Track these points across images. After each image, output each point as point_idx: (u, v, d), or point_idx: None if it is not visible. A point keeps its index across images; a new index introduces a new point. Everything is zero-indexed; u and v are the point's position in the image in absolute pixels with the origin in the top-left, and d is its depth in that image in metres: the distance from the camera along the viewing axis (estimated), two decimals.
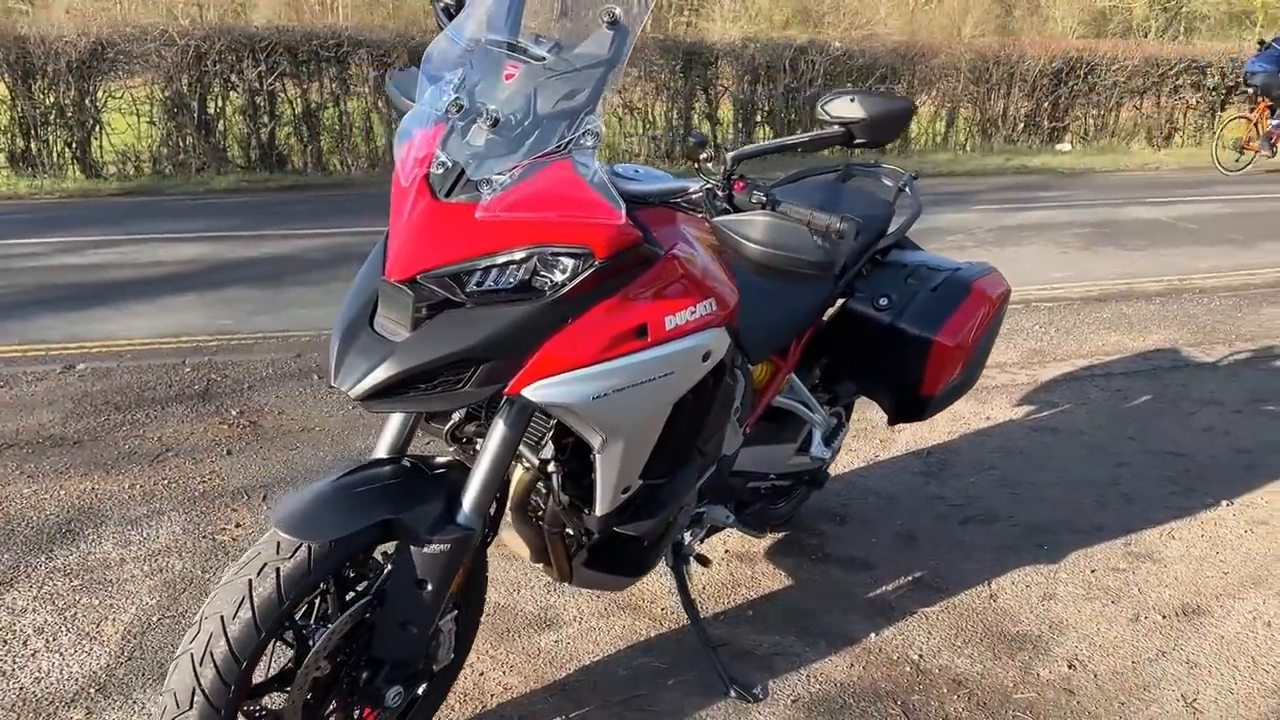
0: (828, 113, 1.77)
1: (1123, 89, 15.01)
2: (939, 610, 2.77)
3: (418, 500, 1.82)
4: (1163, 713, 2.36)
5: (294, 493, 1.82)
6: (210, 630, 1.67)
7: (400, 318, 1.70)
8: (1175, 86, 15.26)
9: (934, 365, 2.59)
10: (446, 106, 1.73)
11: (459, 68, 1.82)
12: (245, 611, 1.66)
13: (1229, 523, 3.31)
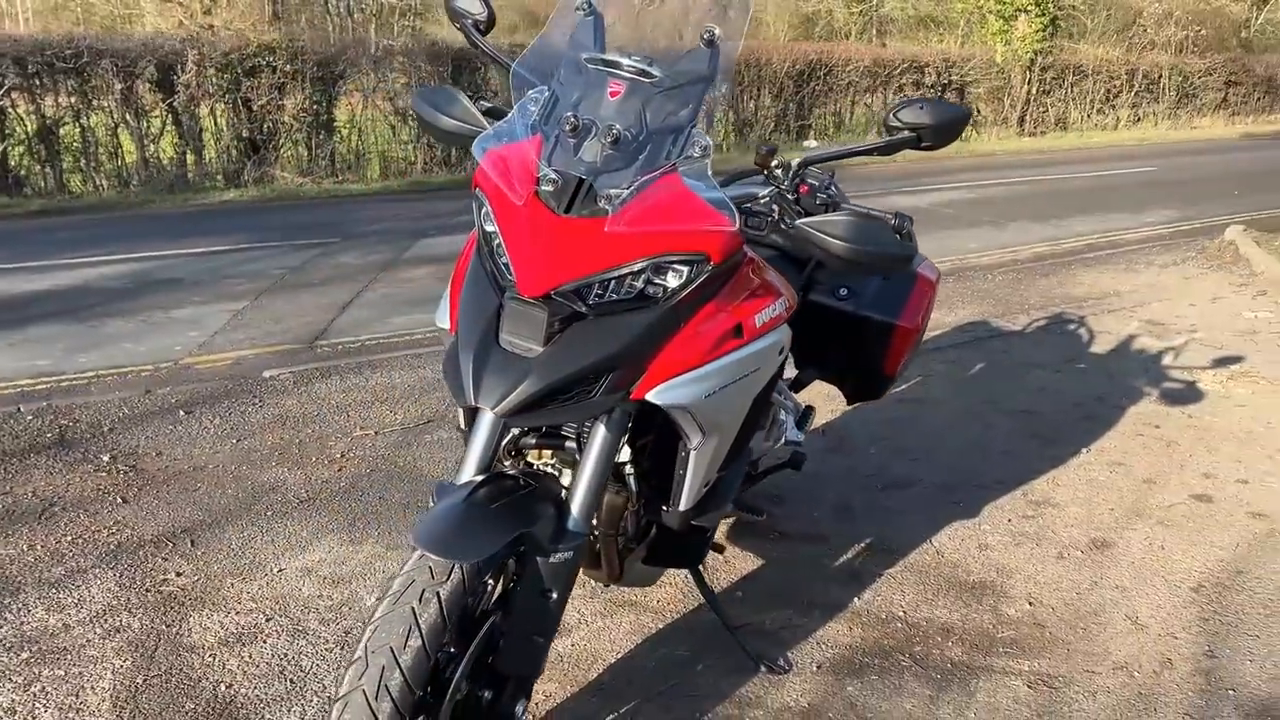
0: (900, 119, 1.94)
1: (856, 88, 16.30)
2: (900, 570, 3.03)
3: (539, 512, 1.83)
4: (1117, 632, 2.71)
5: (428, 515, 1.79)
6: (381, 664, 1.62)
7: (533, 334, 1.72)
8: (900, 85, 16.74)
9: (895, 347, 2.83)
10: (560, 123, 1.76)
11: (551, 85, 1.85)
12: (415, 640, 1.63)
13: (1094, 467, 3.79)
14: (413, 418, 4.24)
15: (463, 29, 2.22)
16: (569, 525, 1.87)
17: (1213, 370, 4.89)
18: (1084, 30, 23.45)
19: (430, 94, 2.15)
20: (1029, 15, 18.44)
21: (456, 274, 2.01)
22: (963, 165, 13.54)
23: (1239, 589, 2.92)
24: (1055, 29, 19.06)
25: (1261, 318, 5.88)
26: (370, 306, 6.09)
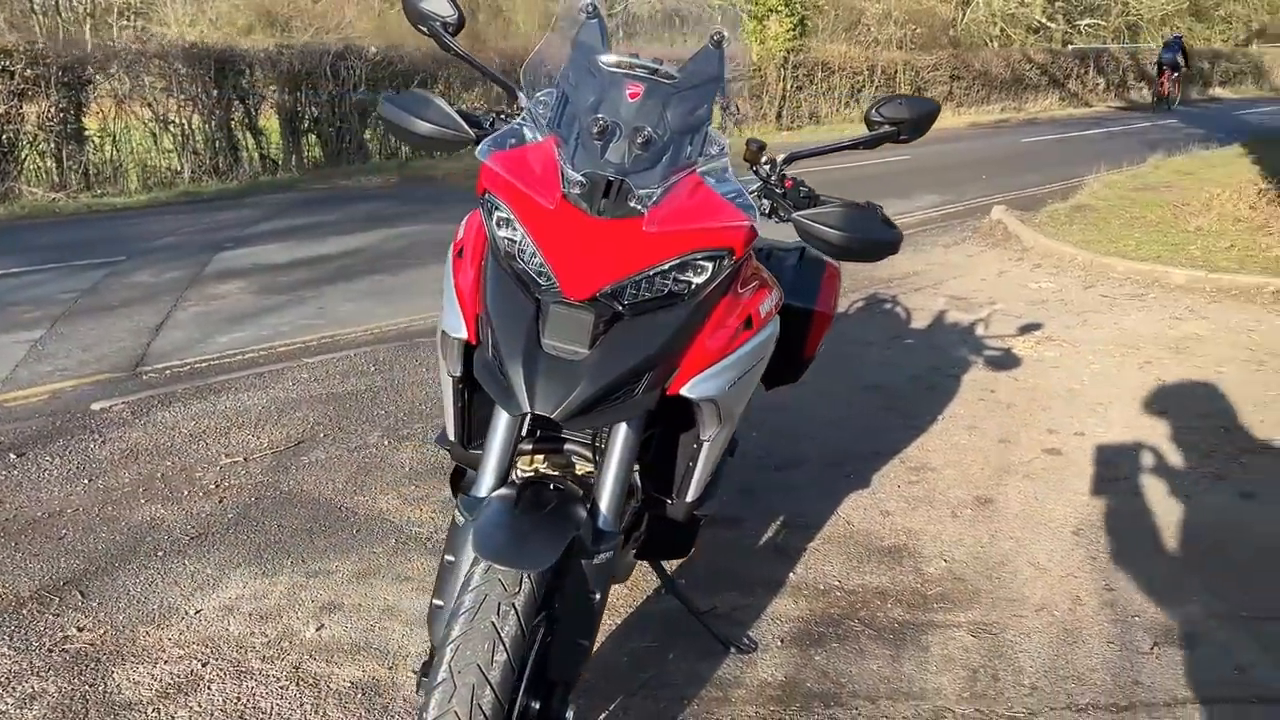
0: (881, 115, 2.06)
1: None
2: (820, 543, 3.19)
3: (578, 516, 1.83)
4: (1027, 578, 2.98)
5: (486, 529, 1.73)
6: (470, 682, 1.57)
7: (578, 337, 1.71)
8: None
9: (815, 332, 2.97)
10: (585, 125, 1.76)
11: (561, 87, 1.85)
12: (500, 654, 1.59)
13: (953, 432, 4.12)
14: (281, 440, 4.02)
15: (431, 32, 2.15)
16: (603, 526, 1.87)
17: (1021, 337, 5.40)
18: (815, 29, 25.00)
19: (401, 99, 2.07)
20: (779, 15, 19.44)
21: (460, 283, 1.96)
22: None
23: (1109, 528, 3.28)
24: (804, 28, 20.20)
25: (1044, 287, 6.54)
26: (186, 327, 5.69)
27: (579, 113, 1.81)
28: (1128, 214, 8.66)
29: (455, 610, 1.66)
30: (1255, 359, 5.01)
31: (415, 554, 3.13)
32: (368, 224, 8.96)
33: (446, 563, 1.85)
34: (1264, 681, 2.46)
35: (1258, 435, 4.01)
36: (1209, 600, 2.83)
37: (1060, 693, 2.44)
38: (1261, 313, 5.87)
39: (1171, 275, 6.55)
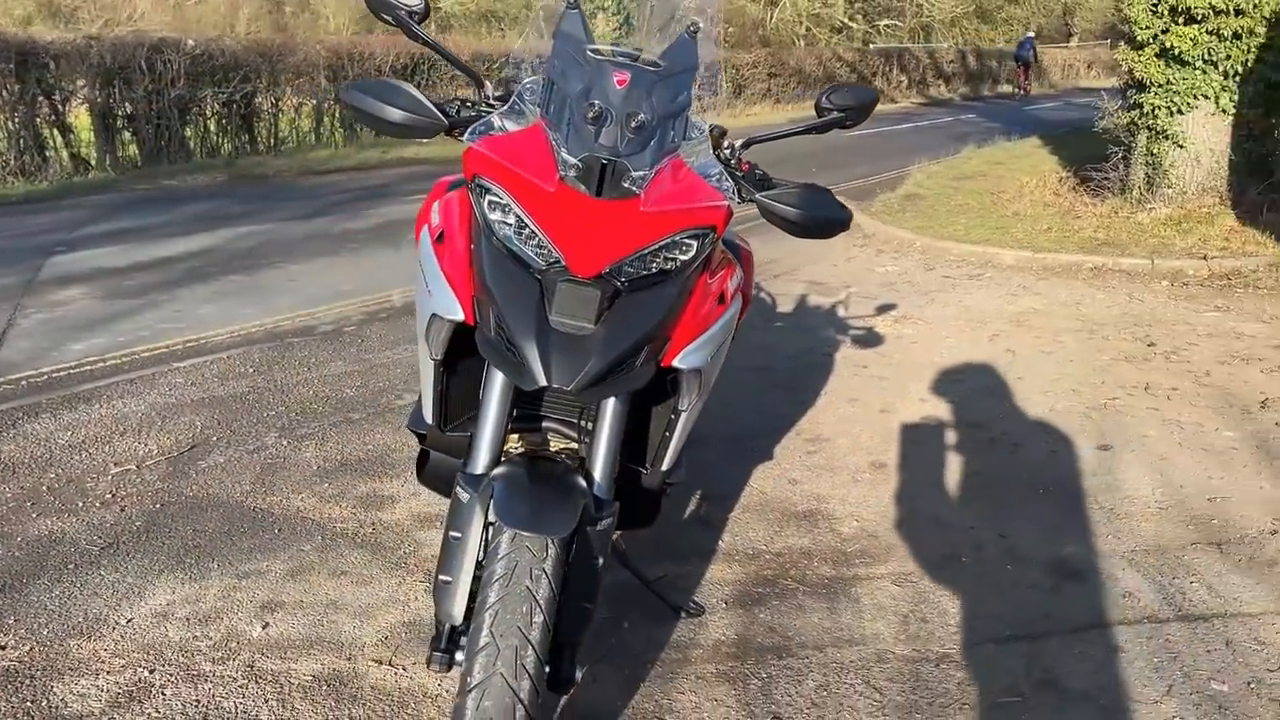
0: (831, 102, 2.22)
1: (461, 80, 16.48)
2: (740, 513, 3.36)
3: (582, 485, 1.91)
4: (931, 531, 3.24)
5: (506, 500, 1.77)
6: (514, 644, 1.63)
7: (585, 312, 1.79)
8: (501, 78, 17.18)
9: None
10: (579, 110, 1.83)
11: (550, 75, 1.91)
12: (538, 615, 1.66)
13: (837, 405, 4.38)
14: (171, 446, 3.88)
15: (397, 21, 2.17)
16: (600, 494, 1.96)
17: (880, 316, 5.76)
18: (639, 27, 25.49)
19: (368, 86, 2.09)
20: (606, 14, 19.67)
21: (446, 267, 2.00)
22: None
23: (993, 483, 3.59)
24: (630, 26, 20.50)
25: (891, 270, 6.98)
26: (34, 336, 5.35)
27: (569, 99, 1.88)
28: (952, 201, 9.29)
29: (487, 579, 1.71)
30: (1086, 329, 5.52)
31: (346, 549, 3.11)
32: (207, 224, 8.60)
33: (452, 539, 1.89)
34: (1149, 605, 2.78)
35: (1101, 395, 4.45)
36: (1090, 540, 3.16)
37: (983, 630, 2.68)
38: (1084, 288, 6.46)
39: (1002, 256, 7.11)
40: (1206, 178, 8.13)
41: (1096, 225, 7.99)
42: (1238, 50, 7.80)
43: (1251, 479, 3.57)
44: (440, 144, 14.83)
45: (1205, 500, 3.42)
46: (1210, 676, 2.45)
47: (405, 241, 8.15)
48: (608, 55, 1.93)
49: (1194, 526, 3.23)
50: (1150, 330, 5.46)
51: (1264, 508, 3.35)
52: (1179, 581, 2.90)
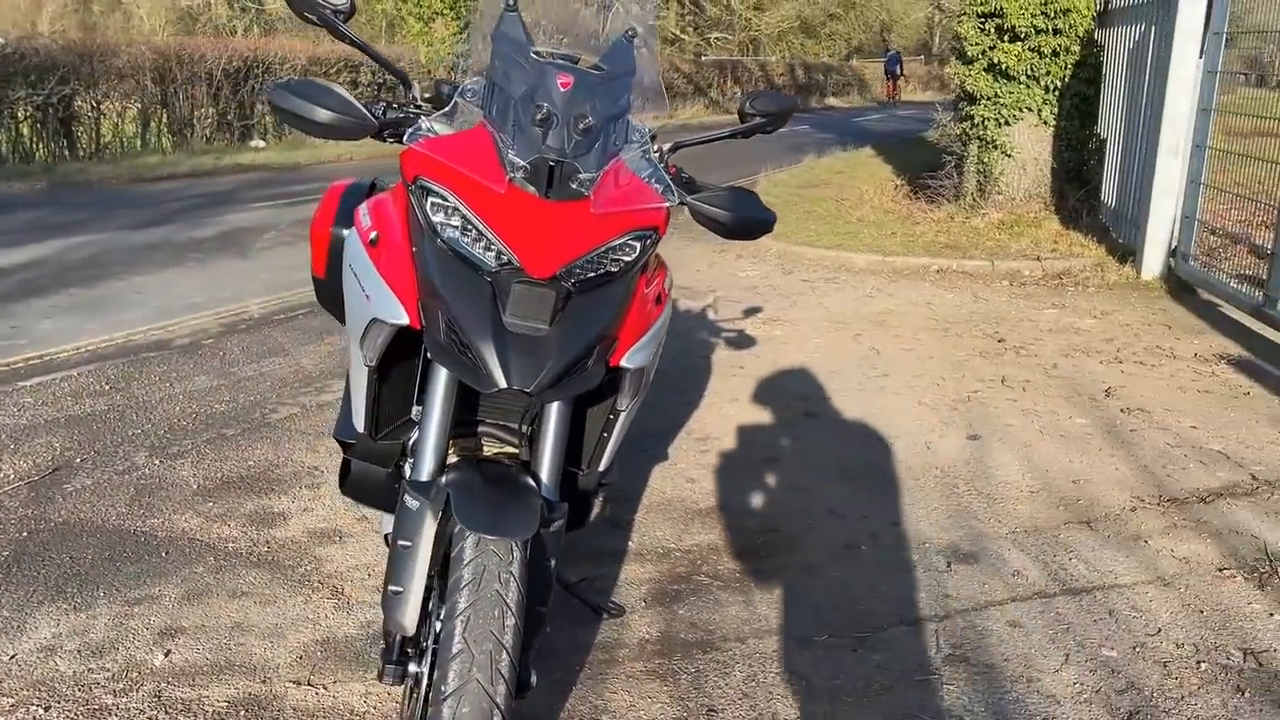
0: (754, 108, 2.27)
1: None
2: (645, 512, 3.40)
3: (534, 487, 1.90)
4: (830, 523, 3.36)
5: (465, 505, 1.73)
6: (488, 649, 1.61)
7: (540, 313, 1.78)
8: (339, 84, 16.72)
9: None
10: (526, 112, 1.82)
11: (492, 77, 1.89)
12: (510, 619, 1.64)
13: (721, 405, 4.48)
14: (30, 470, 3.62)
15: (322, 20, 2.09)
16: (548, 496, 1.95)
17: (748, 319, 5.92)
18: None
19: (297, 86, 2.01)
20: (445, 19, 19.44)
21: (385, 270, 1.95)
22: None
23: (878, 474, 3.75)
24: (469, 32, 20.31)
25: (752, 275, 7.17)
26: None
27: (514, 101, 1.87)
28: (801, 208, 9.63)
29: (454, 585, 1.68)
30: (940, 326, 5.83)
31: (242, 569, 2.98)
32: (35, 234, 8.04)
33: (402, 548, 1.85)
34: (1036, 582, 2.97)
35: (964, 389, 4.71)
36: (974, 524, 3.34)
37: (891, 613, 2.80)
38: (932, 289, 6.81)
39: (855, 260, 7.42)
40: (1032, 185, 8.71)
41: (936, 230, 8.44)
42: (1056, 66, 8.39)
43: (1107, 462, 3.86)
44: (282, 150, 14.37)
45: (1070, 483, 3.67)
46: (1100, 644, 2.64)
47: (255, 250, 7.86)
48: (548, 58, 1.93)
49: (1064, 507, 3.47)
50: (998, 327, 5.81)
51: (1121, 488, 3.63)
52: (1059, 558, 3.10)
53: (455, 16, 19.58)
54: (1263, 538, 3.22)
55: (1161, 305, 6.34)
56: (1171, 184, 6.64)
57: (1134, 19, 7.69)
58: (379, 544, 3.16)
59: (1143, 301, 6.43)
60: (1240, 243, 6.67)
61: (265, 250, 7.89)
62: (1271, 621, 2.74)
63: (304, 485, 3.59)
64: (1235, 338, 5.56)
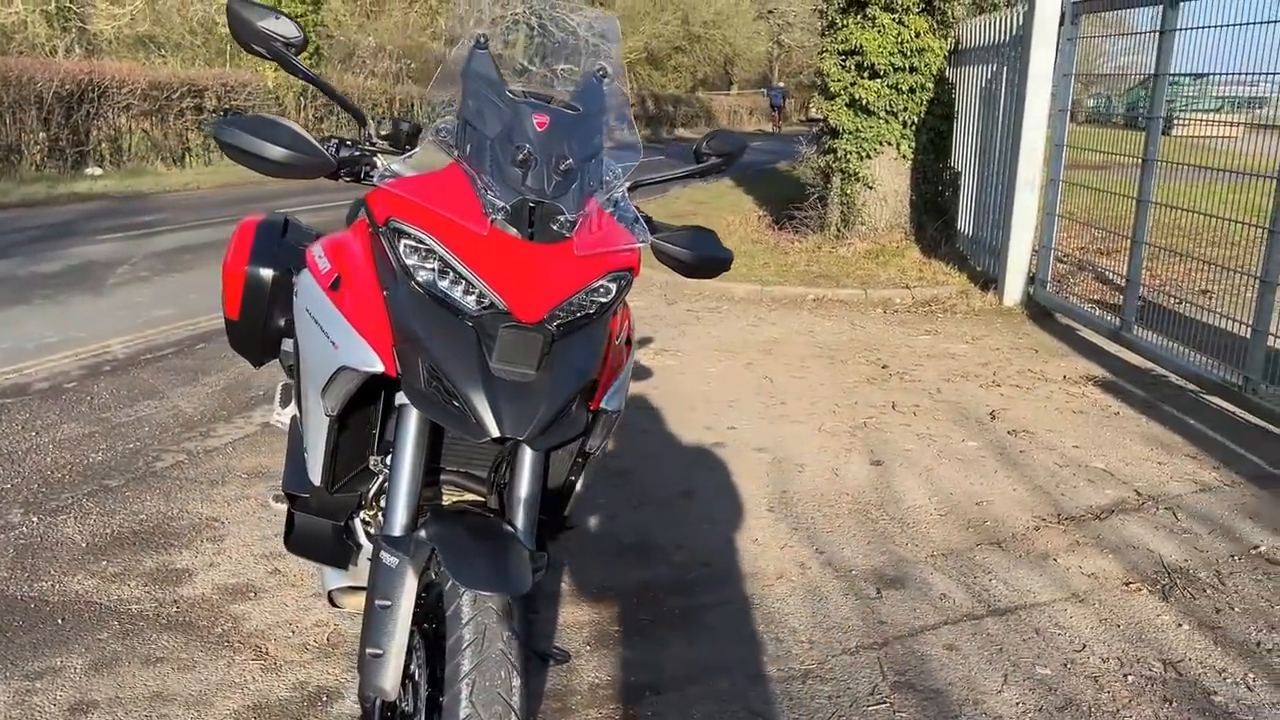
0: (710, 148, 2.28)
1: (134, 111, 15.22)
2: (573, 551, 3.35)
3: (518, 537, 1.83)
4: (755, 553, 3.38)
5: (456, 558, 1.64)
6: (498, 710, 1.55)
7: (528, 359, 1.72)
8: (180, 109, 16.02)
9: None
10: (505, 152, 1.77)
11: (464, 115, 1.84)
12: (515, 679, 1.59)
13: (630, 437, 4.46)
14: None
15: (273, 54, 1.98)
16: (529, 546, 1.89)
17: (642, 349, 5.94)
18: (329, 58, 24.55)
19: (245, 122, 1.89)
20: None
21: (352, 314, 1.85)
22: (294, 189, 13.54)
23: (794, 503, 3.81)
24: (320, 56, 19.82)
25: (638, 305, 7.15)
26: None
27: (490, 141, 1.82)
28: None
29: (455, 646, 1.61)
30: (825, 354, 5.99)
31: (152, 633, 2.78)
32: None
33: (380, 608, 1.75)
34: (963, 604, 3.06)
35: (858, 415, 4.84)
36: (892, 550, 3.43)
37: (832, 642, 2.84)
38: (811, 317, 7.00)
39: (734, 290, 7.55)
40: (893, 216, 9.09)
41: (807, 260, 8.69)
42: (914, 103, 8.80)
43: (1003, 483, 4.03)
44: (122, 178, 13.63)
45: (974, 505, 3.82)
46: (1033, 662, 2.74)
47: (109, 286, 7.43)
48: (521, 97, 1.89)
49: (973, 529, 3.60)
50: (879, 354, 6.02)
51: (1021, 508, 3.79)
52: (979, 580, 3.21)
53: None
54: (1157, 551, 3.42)
55: (1025, 330, 6.69)
56: (1029, 216, 7.04)
57: (986, 59, 8.14)
58: (299, 598, 3.01)
59: (1008, 326, 6.77)
60: (1086, 269, 7.14)
61: (120, 286, 7.44)
62: (1181, 633, 2.90)
63: (205, 539, 3.38)
64: (1096, 360, 5.92)
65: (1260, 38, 4.80)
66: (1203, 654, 2.78)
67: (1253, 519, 3.69)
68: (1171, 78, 5.79)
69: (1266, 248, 4.67)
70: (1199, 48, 5.47)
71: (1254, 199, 4.94)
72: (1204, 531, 3.57)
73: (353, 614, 2.71)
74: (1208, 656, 2.77)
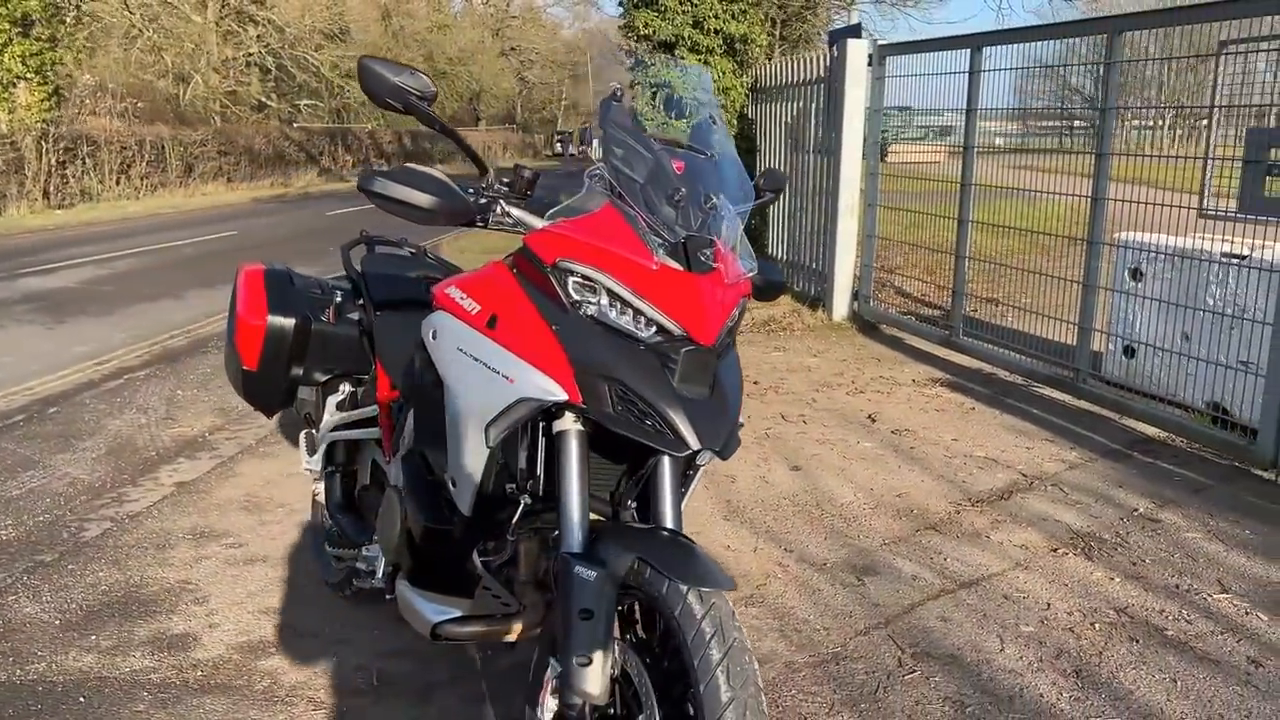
0: (766, 185, 2.51)
1: None
2: None
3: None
4: (733, 559, 3.62)
5: (669, 560, 1.77)
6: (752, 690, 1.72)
7: (705, 379, 1.92)
8: None
9: None
10: (666, 195, 1.95)
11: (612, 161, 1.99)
12: (756, 663, 1.76)
13: None
14: None
15: (409, 107, 2.04)
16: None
17: None
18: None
19: (395, 174, 1.98)
20: (30, 84, 17.45)
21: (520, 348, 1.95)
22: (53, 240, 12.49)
23: (742, 511, 4.08)
24: (60, 99, 18.37)
25: None
26: None
27: (640, 184, 1.99)
28: None
29: (697, 641, 1.75)
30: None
31: (191, 698, 2.68)
32: None
33: (582, 618, 1.87)
34: (936, 582, 3.44)
35: (759, 426, 5.20)
36: (850, 542, 3.77)
37: (844, 626, 3.13)
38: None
39: None
40: None
41: None
42: None
43: (910, 476, 4.49)
44: None
45: (895, 496, 4.24)
46: (1016, 623, 3.14)
47: None
48: (673, 144, 2.08)
49: (907, 518, 4.01)
50: (745, 372, 6.41)
51: (935, 495, 4.25)
52: (936, 560, 3.61)
53: (43, 81, 17.65)
54: (1064, 521, 3.95)
55: (859, 342, 7.33)
56: (850, 239, 7.72)
57: (789, 97, 8.82)
58: (323, 646, 2.99)
59: (843, 339, 7.39)
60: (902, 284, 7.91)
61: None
62: (1116, 584, 3.40)
63: (188, 601, 3.24)
64: (931, 364, 6.59)
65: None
66: (1141, 600, 3.29)
67: (1121, 487, 4.32)
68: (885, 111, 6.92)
69: (1086, 257, 5.43)
70: (906, 87, 7.06)
71: (1036, 211, 5.84)
72: (1091, 501, 4.16)
73: (448, 645, 2.76)
74: (1145, 601, 3.28)
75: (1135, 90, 6.43)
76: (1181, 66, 5.85)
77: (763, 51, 9.80)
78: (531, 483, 2.12)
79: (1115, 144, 5.41)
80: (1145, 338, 5.45)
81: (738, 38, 9.28)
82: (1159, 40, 5.53)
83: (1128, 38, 5.21)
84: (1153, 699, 2.72)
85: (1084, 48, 6.30)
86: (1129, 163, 5.37)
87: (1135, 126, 6.82)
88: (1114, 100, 5.22)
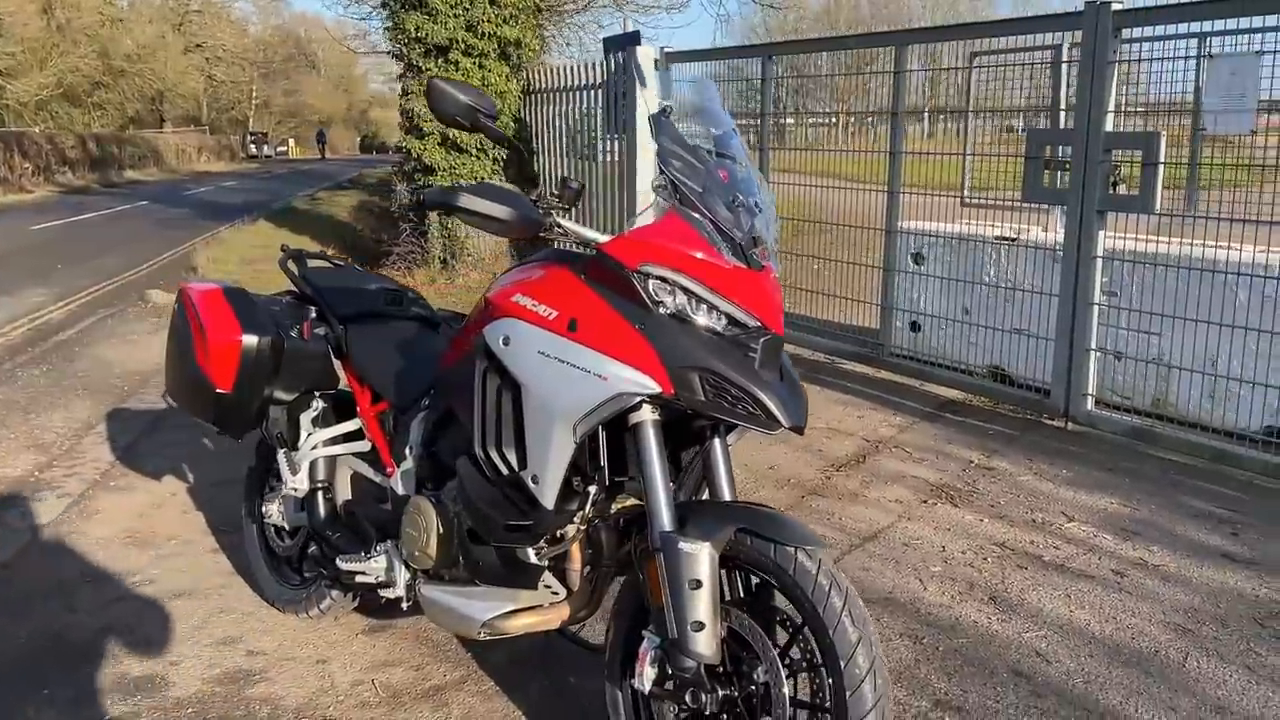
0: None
1: None
2: None
3: None
4: None
5: (771, 524, 1.98)
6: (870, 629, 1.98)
7: (777, 363, 2.16)
8: None
9: None
10: (729, 203, 2.16)
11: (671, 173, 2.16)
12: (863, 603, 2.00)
13: None
14: None
15: (476, 125, 2.10)
16: None
17: None
18: None
19: (477, 189, 2.09)
20: None
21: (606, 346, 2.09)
22: None
23: None
24: None
25: None
26: None
27: (699, 193, 2.18)
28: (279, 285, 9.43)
29: (819, 593, 1.98)
30: None
31: None
32: None
33: (692, 586, 2.04)
34: (842, 540, 3.84)
35: None
36: None
37: None
38: None
39: None
40: (496, 244, 9.72)
41: (433, 293, 8.99)
42: None
43: (773, 450, 4.89)
44: None
45: (769, 469, 4.63)
46: (927, 565, 3.60)
47: None
48: (724, 155, 2.28)
49: (788, 487, 4.41)
50: None
51: (803, 464, 4.68)
52: (833, 520, 4.02)
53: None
54: (920, 476, 4.50)
55: None
56: None
57: (568, 101, 9.09)
58: (307, 665, 2.95)
59: None
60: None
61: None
62: (987, 524, 3.95)
63: (129, 642, 3.06)
64: None
65: None
66: (1013, 534, 3.85)
67: (949, 443, 4.95)
68: None
69: (885, 246, 6.10)
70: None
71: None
72: (933, 457, 4.74)
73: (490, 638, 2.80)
74: (1017, 534, 3.84)
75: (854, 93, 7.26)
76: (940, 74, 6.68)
77: (535, 56, 10.00)
78: (599, 474, 2.27)
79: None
80: (930, 312, 6.20)
81: (511, 42, 9.43)
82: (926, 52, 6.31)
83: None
84: (1060, 611, 3.24)
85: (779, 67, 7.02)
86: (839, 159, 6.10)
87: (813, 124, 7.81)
88: (901, 105, 5.91)
